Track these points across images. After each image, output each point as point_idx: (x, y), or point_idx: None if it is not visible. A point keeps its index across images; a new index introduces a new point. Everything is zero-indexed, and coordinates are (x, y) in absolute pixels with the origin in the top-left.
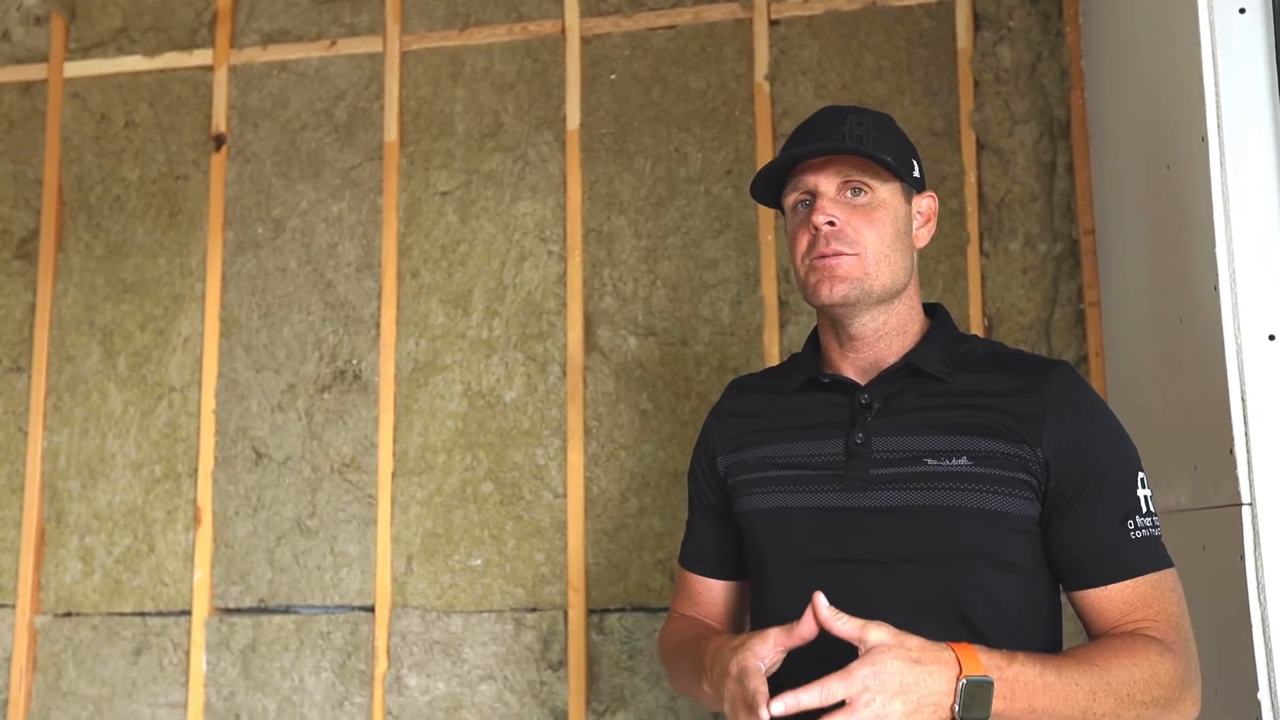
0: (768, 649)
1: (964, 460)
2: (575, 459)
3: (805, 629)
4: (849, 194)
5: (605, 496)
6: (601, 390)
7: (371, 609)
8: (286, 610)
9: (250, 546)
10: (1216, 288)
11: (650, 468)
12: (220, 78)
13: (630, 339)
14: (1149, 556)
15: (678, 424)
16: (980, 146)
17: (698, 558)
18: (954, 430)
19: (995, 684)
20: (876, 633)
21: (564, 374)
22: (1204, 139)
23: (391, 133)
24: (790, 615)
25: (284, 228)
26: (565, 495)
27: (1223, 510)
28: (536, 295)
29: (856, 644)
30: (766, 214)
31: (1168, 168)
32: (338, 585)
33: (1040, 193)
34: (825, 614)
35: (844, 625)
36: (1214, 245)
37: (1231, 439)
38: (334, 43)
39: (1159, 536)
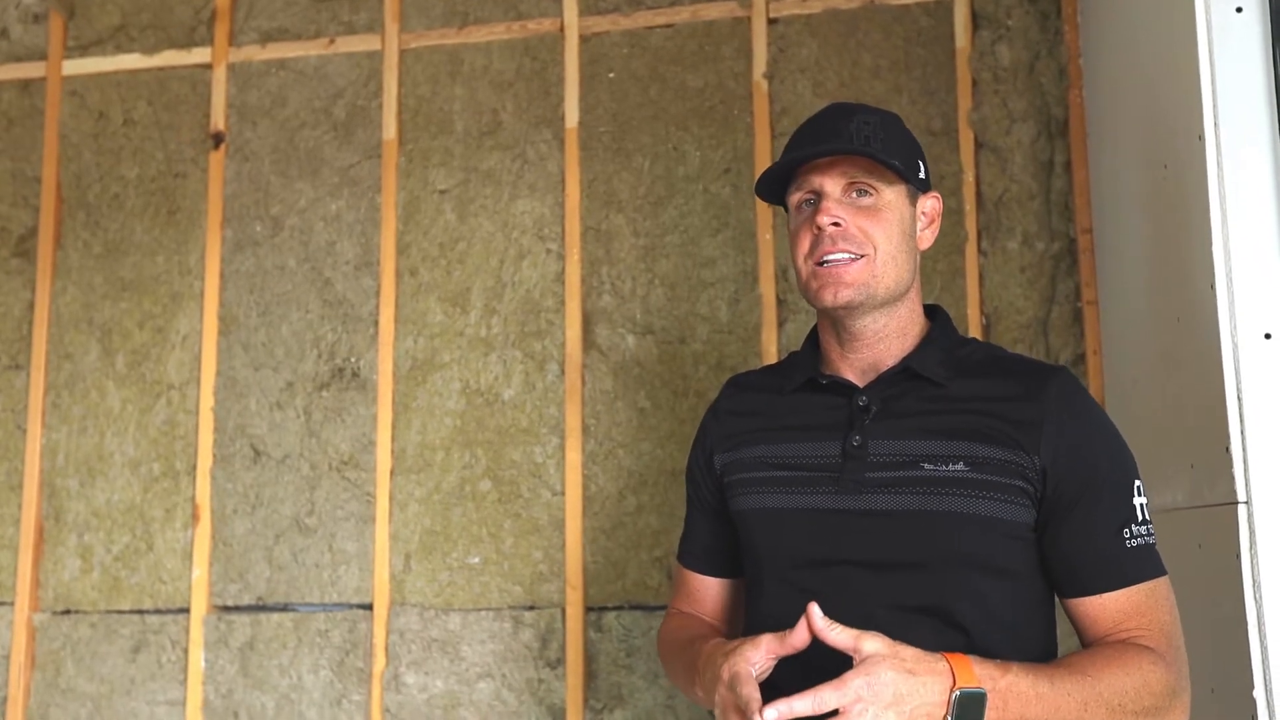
0: (760, 655)
1: (961, 466)
2: (573, 457)
3: (798, 638)
4: (854, 195)
5: (603, 494)
6: (600, 388)
7: (370, 607)
8: (285, 608)
9: (248, 544)
10: (1213, 286)
11: (648, 466)
12: (219, 76)
13: (628, 337)
14: (1143, 565)
15: (676, 422)
16: (978, 145)
17: (695, 555)
18: (951, 435)
19: (988, 695)
20: (871, 643)
21: (562, 372)
22: (1201, 138)
23: (390, 131)
24: (783, 617)
25: (282, 226)
26: (563, 493)
27: (1219, 509)
28: (535, 293)
29: (851, 654)
30: (764, 212)
31: (1165, 166)
32: (336, 583)
33: (1038, 191)
34: (820, 624)
35: (838, 635)
36: (1211, 244)
37: (1228, 437)
38: (332, 41)
39: (1154, 545)
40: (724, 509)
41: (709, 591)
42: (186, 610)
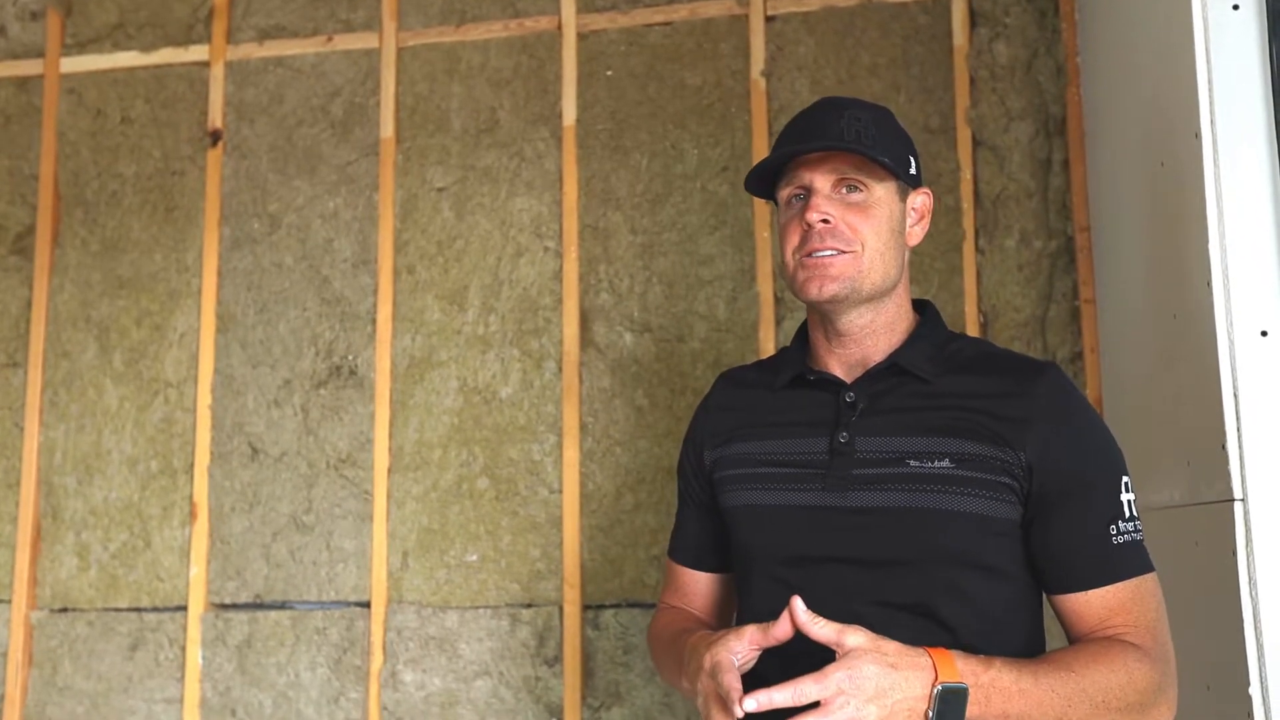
0: (742, 646)
1: (946, 463)
2: (571, 455)
3: (781, 630)
4: (844, 191)
5: (601, 492)
6: (597, 386)
7: (367, 605)
8: (282, 606)
9: (246, 542)
10: (1210, 284)
11: (645, 463)
12: (216, 73)
13: (626, 335)
14: (1130, 562)
15: (673, 420)
16: (976, 143)
17: (685, 550)
18: (937, 432)
19: (970, 690)
20: (854, 637)
21: (560, 370)
22: (1197, 135)
23: (388, 129)
24: (769, 614)
25: (280, 224)
26: (561, 491)
27: (1215, 506)
28: (532, 291)
29: (834, 648)
30: (762, 210)
31: (1162, 164)
32: (333, 581)
33: (1036, 189)
34: (803, 618)
35: (821, 629)
36: (1207, 242)
37: (1224, 434)
38: (330, 39)
39: (1141, 541)
40: (714, 504)
41: (699, 586)
42: (184, 608)
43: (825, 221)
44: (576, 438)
